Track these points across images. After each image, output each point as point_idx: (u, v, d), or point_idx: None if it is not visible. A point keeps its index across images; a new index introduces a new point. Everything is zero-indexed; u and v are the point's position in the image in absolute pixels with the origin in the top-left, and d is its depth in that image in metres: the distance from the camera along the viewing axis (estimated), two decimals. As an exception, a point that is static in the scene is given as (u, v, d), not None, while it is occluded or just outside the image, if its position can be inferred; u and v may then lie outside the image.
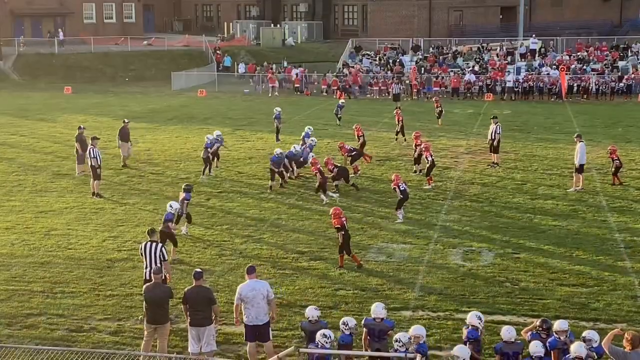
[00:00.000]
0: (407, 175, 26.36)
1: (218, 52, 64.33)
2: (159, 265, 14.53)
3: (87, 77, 60.45)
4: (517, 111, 43.48)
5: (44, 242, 20.20)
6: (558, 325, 11.62)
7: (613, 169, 25.94)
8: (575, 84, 49.72)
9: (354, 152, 27.84)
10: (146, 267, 14.86)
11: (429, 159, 25.38)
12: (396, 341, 11.45)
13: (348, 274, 17.55)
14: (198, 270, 13.41)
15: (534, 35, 58.65)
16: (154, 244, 14.86)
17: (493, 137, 28.61)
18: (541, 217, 22.06)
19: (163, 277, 13.77)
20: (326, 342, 11.70)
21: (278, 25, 76.91)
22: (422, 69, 53.96)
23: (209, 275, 16.98)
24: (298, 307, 15.54)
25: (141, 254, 15.00)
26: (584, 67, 52.39)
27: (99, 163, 24.70)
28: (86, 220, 22.20)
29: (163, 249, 14.88)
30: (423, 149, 26.03)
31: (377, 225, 21.41)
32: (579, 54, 55.02)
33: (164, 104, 47.95)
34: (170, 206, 18.93)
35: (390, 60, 57.06)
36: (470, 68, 53.48)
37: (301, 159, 26.73)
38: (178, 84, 57.03)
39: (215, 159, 27.99)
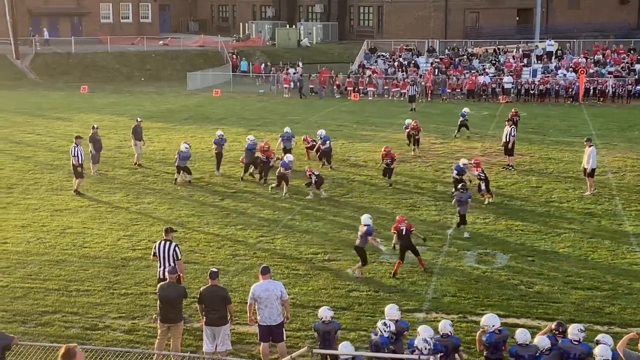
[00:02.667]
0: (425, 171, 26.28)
1: (234, 55, 64.45)
2: (172, 264, 14.56)
3: (104, 77, 60.79)
4: (533, 113, 43.30)
5: (60, 240, 20.32)
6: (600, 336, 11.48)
7: None
8: (591, 87, 49.49)
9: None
10: (160, 266, 14.89)
11: (479, 174, 23.62)
12: (424, 341, 11.32)
13: (362, 276, 17.52)
14: (214, 269, 13.44)
15: (550, 38, 58.39)
16: (167, 243, 14.88)
17: (508, 140, 28.51)
18: (556, 220, 21.97)
19: (177, 277, 13.81)
20: (385, 331, 11.83)
21: (293, 26, 77.02)
22: (438, 70, 53.90)
23: (223, 275, 17.01)
24: (311, 307, 15.55)
25: (155, 252, 15.02)
26: (601, 69, 52.12)
27: (79, 162, 24.80)
28: (101, 219, 22.31)
29: (176, 247, 14.89)
30: (473, 164, 24.27)
31: (391, 226, 21.32)
32: (595, 56, 54.75)
33: (179, 104, 48.11)
34: (369, 218, 17.92)
35: (406, 62, 57.01)
36: (485, 69, 53.34)
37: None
38: (193, 84, 57.22)
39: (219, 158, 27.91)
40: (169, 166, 29.23)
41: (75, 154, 24.82)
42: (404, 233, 17.84)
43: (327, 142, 28.73)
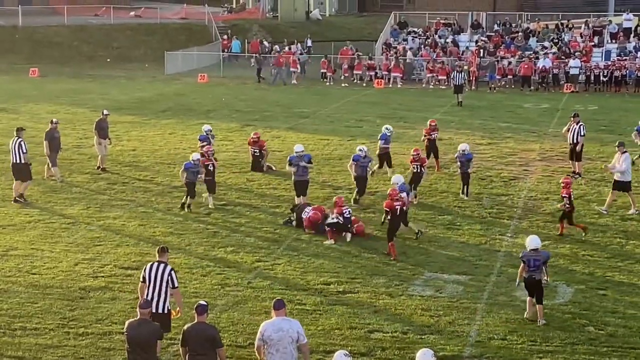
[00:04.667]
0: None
1: (226, 36, 63.61)
2: (166, 293, 14.63)
3: (59, 57, 60.95)
4: (605, 106, 43.23)
5: (1, 264, 20.34)
6: None
7: None
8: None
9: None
10: (151, 297, 14.80)
11: (567, 200, 22.43)
12: None
13: (385, 312, 17.52)
14: (202, 302, 13.40)
15: (628, 10, 58.28)
16: (162, 266, 14.87)
17: (575, 141, 28.43)
18: (635, 243, 21.89)
19: (166, 311, 13.79)
20: None
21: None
22: (484, 51, 53.81)
23: (209, 310, 16.97)
24: (321, 352, 15.50)
25: (144, 277, 14.97)
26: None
27: (23, 160, 24.99)
28: (54, 238, 22.34)
29: (172, 272, 14.86)
30: (562, 184, 23.01)
31: (423, 249, 21.34)
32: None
33: (155, 92, 48.21)
34: (532, 241, 17.21)
35: (443, 40, 56.98)
36: (545, 51, 53.29)
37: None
38: (173, 66, 57.34)
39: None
40: (140, 171, 29.30)
41: (16, 150, 24.92)
42: (398, 213, 18.42)
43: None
